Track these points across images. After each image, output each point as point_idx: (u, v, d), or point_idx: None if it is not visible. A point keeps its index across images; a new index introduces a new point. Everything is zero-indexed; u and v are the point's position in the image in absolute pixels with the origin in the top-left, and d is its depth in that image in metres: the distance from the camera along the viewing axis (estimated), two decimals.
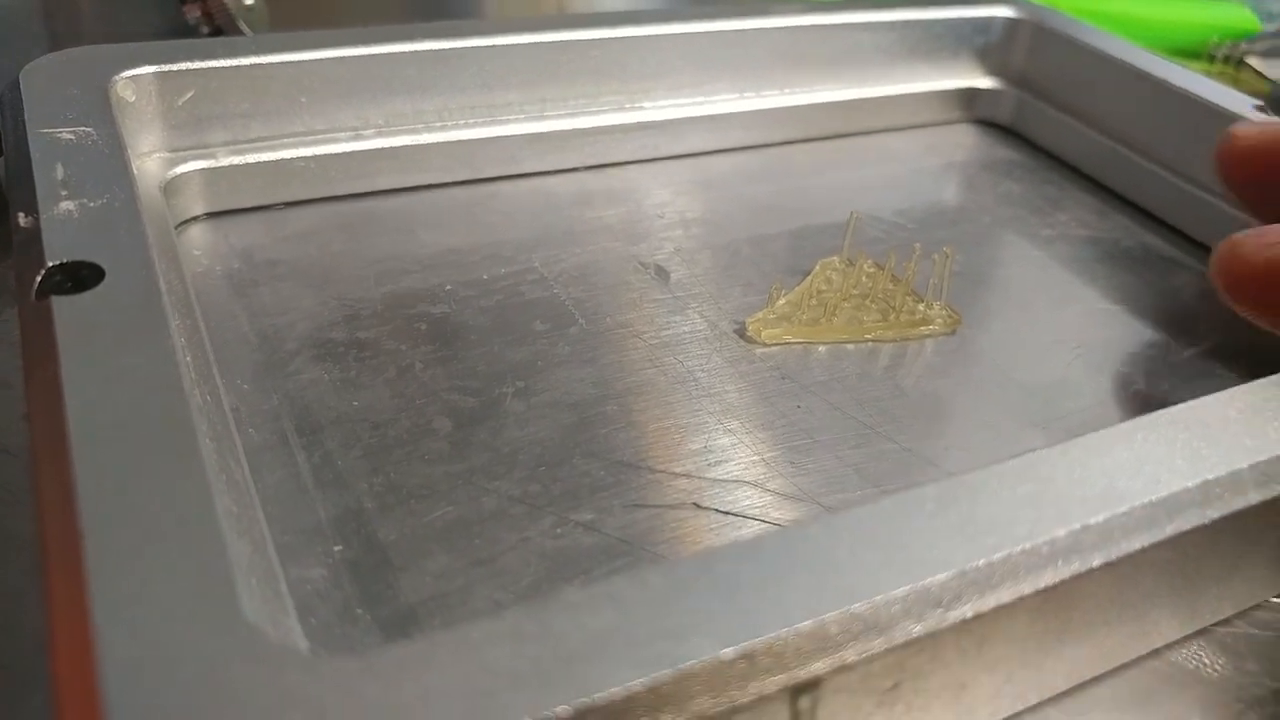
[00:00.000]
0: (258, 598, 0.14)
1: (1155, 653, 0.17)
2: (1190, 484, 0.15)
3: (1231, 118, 0.29)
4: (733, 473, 0.20)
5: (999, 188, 0.33)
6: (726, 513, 0.19)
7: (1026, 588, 0.13)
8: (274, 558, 0.16)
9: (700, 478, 0.20)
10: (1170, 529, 0.14)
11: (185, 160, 0.26)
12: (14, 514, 0.19)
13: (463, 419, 0.21)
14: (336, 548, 0.18)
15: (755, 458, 0.21)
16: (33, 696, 0.16)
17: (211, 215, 0.26)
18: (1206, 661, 0.17)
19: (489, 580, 0.17)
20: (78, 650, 0.12)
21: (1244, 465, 0.15)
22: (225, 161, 0.26)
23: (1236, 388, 0.17)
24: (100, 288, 0.17)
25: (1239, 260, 0.22)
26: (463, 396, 0.21)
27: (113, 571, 0.13)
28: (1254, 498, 0.15)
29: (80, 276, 0.18)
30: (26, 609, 0.18)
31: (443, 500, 0.19)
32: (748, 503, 0.20)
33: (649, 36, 0.30)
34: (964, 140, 0.36)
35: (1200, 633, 0.18)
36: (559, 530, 0.19)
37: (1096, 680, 0.17)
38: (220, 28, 0.35)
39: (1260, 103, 0.30)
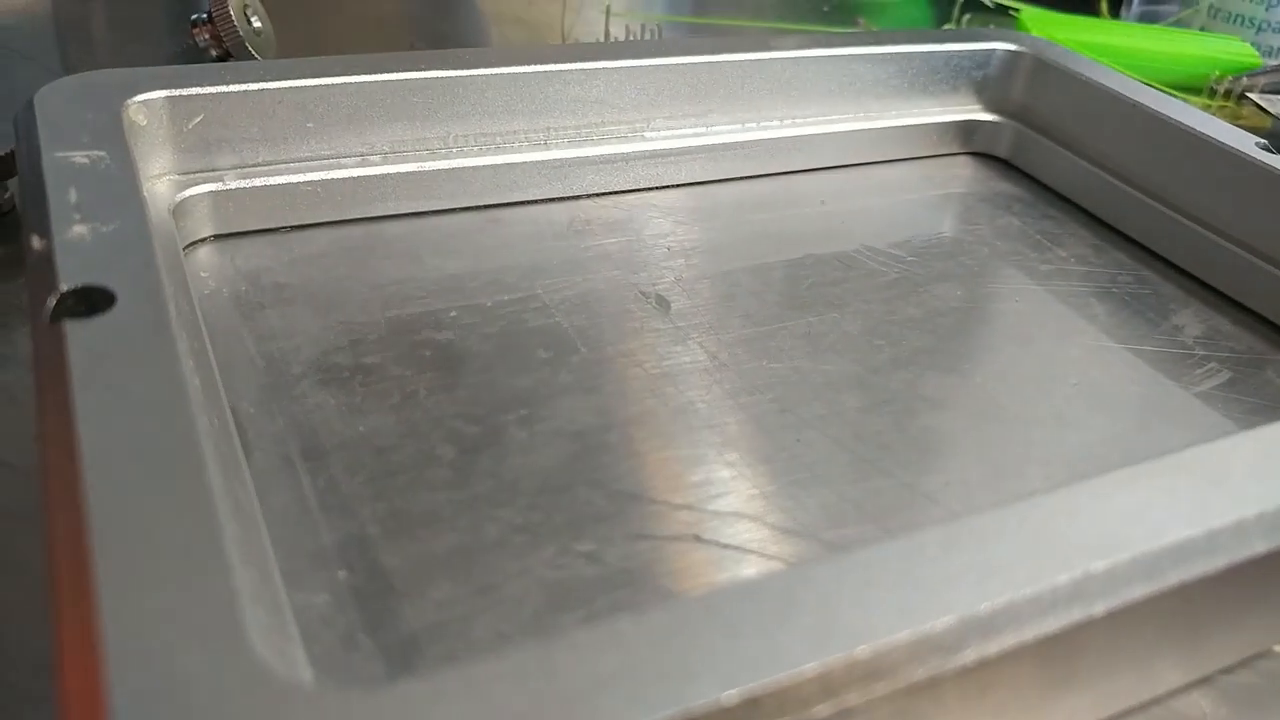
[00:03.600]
0: (264, 627, 0.15)
1: (1157, 699, 0.17)
2: (1195, 533, 0.15)
3: (1232, 154, 0.29)
4: (733, 505, 0.20)
5: (996, 221, 0.33)
6: (727, 546, 0.19)
7: (1029, 635, 0.13)
8: (279, 584, 0.16)
9: (701, 510, 0.20)
10: (1175, 578, 0.14)
11: (194, 183, 0.26)
12: (14, 530, 0.20)
13: (466, 446, 0.21)
14: (340, 573, 0.18)
15: (755, 491, 0.21)
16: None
17: (219, 237, 0.27)
18: (1208, 710, 0.17)
19: (491, 609, 0.18)
20: (86, 681, 0.12)
21: (1251, 514, 0.15)
22: (233, 185, 0.26)
23: (1243, 433, 0.17)
24: (111, 313, 0.17)
25: None
26: (466, 424, 0.22)
27: (123, 602, 0.13)
28: (1260, 548, 0.15)
29: (92, 301, 0.18)
30: (20, 628, 0.18)
31: (446, 527, 0.19)
32: (748, 536, 0.20)
33: (652, 67, 0.31)
34: (962, 173, 0.36)
35: (1202, 680, 0.18)
36: (561, 560, 0.19)
37: None
38: (229, 51, 0.36)
39: (1264, 141, 0.30)
